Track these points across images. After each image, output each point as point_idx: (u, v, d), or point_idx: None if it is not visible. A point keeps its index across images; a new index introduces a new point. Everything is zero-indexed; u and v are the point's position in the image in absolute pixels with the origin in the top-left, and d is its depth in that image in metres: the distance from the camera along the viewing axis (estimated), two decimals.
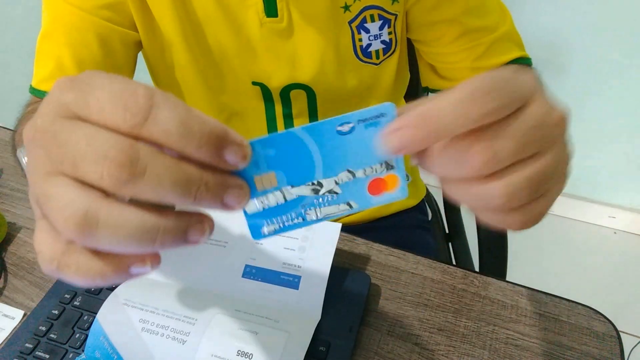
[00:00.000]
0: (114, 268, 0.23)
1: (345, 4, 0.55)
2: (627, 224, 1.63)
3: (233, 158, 0.22)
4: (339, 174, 0.26)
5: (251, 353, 0.45)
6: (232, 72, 0.59)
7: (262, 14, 0.54)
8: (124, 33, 0.56)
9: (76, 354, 0.49)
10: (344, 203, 0.27)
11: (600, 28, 1.28)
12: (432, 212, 0.89)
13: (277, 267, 0.52)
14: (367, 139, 0.25)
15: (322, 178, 0.26)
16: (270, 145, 0.25)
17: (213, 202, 0.23)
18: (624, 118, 1.43)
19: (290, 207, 0.26)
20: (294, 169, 0.25)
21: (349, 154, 0.26)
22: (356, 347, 0.49)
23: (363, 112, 0.25)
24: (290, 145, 0.25)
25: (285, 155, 0.25)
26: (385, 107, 0.25)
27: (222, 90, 0.60)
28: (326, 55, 0.57)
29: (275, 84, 0.59)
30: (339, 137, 0.25)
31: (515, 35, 0.60)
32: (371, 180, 0.27)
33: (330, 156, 0.26)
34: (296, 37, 0.56)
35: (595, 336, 0.49)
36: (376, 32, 0.58)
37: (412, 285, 0.54)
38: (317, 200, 0.27)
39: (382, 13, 0.57)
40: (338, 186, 0.26)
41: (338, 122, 0.25)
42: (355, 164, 0.26)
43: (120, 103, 0.21)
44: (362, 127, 0.25)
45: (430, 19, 0.58)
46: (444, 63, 0.62)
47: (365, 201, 0.27)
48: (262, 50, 0.57)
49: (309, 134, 0.25)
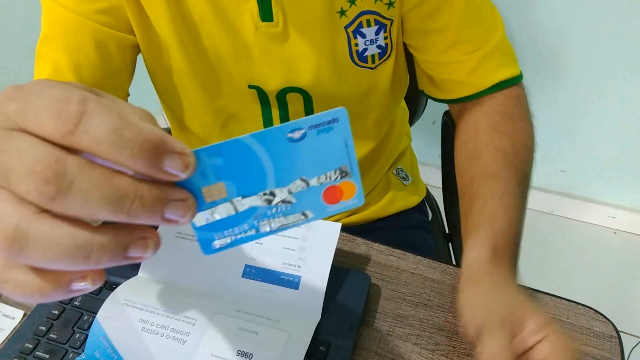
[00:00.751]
0: (54, 285, 0.22)
1: (341, 9, 0.55)
2: (627, 224, 1.63)
3: (173, 168, 0.21)
4: (292, 183, 0.25)
5: (251, 353, 0.45)
6: (228, 75, 0.59)
7: (257, 18, 0.54)
8: (121, 37, 0.55)
9: (76, 354, 0.49)
10: (298, 213, 0.26)
11: (601, 28, 1.28)
12: (432, 212, 0.90)
13: (277, 267, 0.52)
14: (320, 145, 0.24)
15: (274, 187, 0.25)
16: (217, 154, 0.23)
17: (151, 217, 0.22)
18: (624, 118, 1.43)
19: (242, 219, 0.25)
20: (244, 178, 0.24)
21: (302, 162, 0.25)
22: (356, 347, 0.49)
23: (314, 117, 0.24)
24: (238, 154, 0.24)
25: (234, 165, 0.24)
26: (337, 112, 0.24)
27: (218, 94, 0.60)
28: (322, 59, 0.57)
29: (271, 88, 0.59)
30: (290, 145, 0.24)
31: (505, 47, 0.60)
32: (326, 188, 0.26)
33: (282, 164, 0.24)
34: (292, 41, 0.56)
35: (596, 336, 0.49)
36: (372, 37, 0.58)
37: (412, 285, 0.54)
38: (270, 211, 0.26)
39: (378, 18, 0.57)
40: (292, 195, 0.25)
41: (288, 129, 0.24)
42: (308, 172, 0.25)
43: (54, 111, 0.20)
44: (314, 133, 0.24)
45: (424, 27, 0.58)
46: (439, 73, 0.62)
47: (320, 210, 0.26)
48: (258, 54, 0.56)
49: (258, 141, 0.24)
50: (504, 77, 0.59)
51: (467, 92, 0.61)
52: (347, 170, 0.26)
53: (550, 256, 1.56)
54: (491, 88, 0.60)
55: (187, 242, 0.55)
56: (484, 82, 0.60)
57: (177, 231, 0.56)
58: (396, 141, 0.79)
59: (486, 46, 0.58)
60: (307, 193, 0.26)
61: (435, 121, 1.48)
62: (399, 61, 0.64)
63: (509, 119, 0.59)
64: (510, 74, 0.60)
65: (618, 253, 1.59)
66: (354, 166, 0.26)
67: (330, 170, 0.25)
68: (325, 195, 0.26)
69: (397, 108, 0.76)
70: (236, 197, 0.25)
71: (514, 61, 0.61)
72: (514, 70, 0.60)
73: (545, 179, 1.64)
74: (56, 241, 0.20)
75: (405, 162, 0.82)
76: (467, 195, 0.55)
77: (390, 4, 0.56)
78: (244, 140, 0.23)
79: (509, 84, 0.60)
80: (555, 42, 1.34)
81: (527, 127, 0.59)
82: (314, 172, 0.25)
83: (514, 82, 0.61)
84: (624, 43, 1.29)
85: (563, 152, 1.56)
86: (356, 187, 0.26)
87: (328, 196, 0.26)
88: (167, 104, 0.66)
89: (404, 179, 0.80)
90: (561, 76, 1.40)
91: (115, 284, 0.53)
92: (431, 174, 1.18)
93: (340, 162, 0.25)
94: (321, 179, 0.25)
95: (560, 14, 1.29)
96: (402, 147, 0.81)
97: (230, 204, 0.25)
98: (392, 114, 0.73)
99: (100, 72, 0.55)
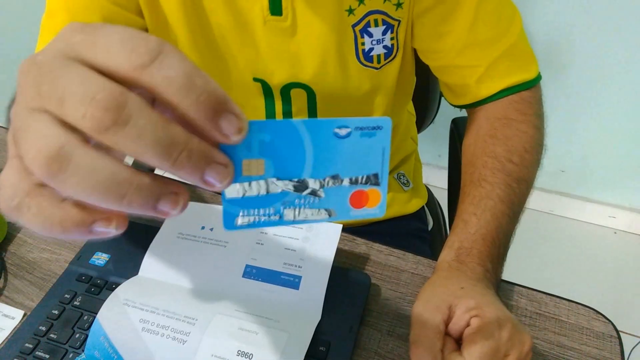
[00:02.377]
0: (77, 221, 0.22)
1: (350, 7, 0.55)
2: (627, 224, 1.63)
3: (228, 127, 0.21)
4: (326, 177, 0.26)
5: (251, 353, 0.45)
6: (234, 66, 0.59)
7: (267, 12, 0.54)
8: (130, 18, 0.55)
9: (76, 354, 0.49)
10: (324, 209, 0.26)
11: (601, 28, 1.28)
12: (434, 219, 0.88)
13: (277, 267, 0.52)
14: (360, 147, 0.25)
15: (309, 177, 0.25)
16: (267, 130, 0.24)
17: (193, 172, 0.21)
18: (625, 118, 1.43)
19: (271, 202, 0.25)
20: (284, 161, 0.24)
21: (340, 159, 0.25)
22: (356, 347, 0.49)
23: (362, 120, 0.25)
24: (286, 136, 0.24)
25: (279, 145, 0.24)
26: (382, 120, 0.25)
27: (223, 85, 0.60)
28: (328, 56, 0.57)
29: (276, 82, 0.59)
30: (334, 139, 0.25)
31: (518, 50, 0.60)
32: (354, 191, 0.26)
33: (322, 156, 0.25)
34: (299, 36, 0.56)
35: (596, 336, 0.49)
36: (379, 36, 0.58)
37: (412, 285, 0.54)
38: (299, 200, 0.26)
39: (386, 18, 0.57)
40: (322, 190, 0.26)
41: (337, 124, 0.24)
42: (343, 170, 0.26)
43: (129, 45, 0.20)
44: (358, 134, 0.25)
45: (437, 30, 0.59)
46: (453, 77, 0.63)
47: (344, 212, 0.27)
48: (265, 47, 0.57)
49: (307, 128, 0.24)
50: (509, 83, 0.60)
51: (472, 99, 0.62)
52: (377, 179, 0.26)
53: (550, 256, 1.56)
54: (495, 95, 0.60)
55: (188, 242, 0.55)
56: (489, 90, 0.60)
57: (179, 232, 0.56)
58: (399, 144, 0.78)
59: (497, 50, 0.59)
60: (337, 191, 0.26)
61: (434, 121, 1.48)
62: (405, 63, 0.64)
63: (508, 123, 0.59)
64: (518, 79, 0.60)
65: (618, 253, 1.59)
66: (385, 176, 0.26)
67: (363, 173, 0.26)
68: (352, 198, 0.27)
69: (403, 110, 0.76)
70: (271, 178, 0.25)
71: (527, 64, 0.61)
72: (523, 75, 0.61)
73: (545, 179, 1.64)
74: (97, 171, 0.20)
75: (409, 167, 0.82)
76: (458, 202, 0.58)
77: (399, 4, 0.56)
78: (295, 124, 0.24)
79: (514, 90, 0.61)
80: (555, 42, 1.34)
81: (529, 131, 0.59)
82: (348, 171, 0.26)
83: (523, 87, 0.61)
84: (624, 43, 1.29)
85: (563, 152, 1.56)
86: (381, 196, 0.27)
87: (354, 199, 0.27)
88: None
89: (404, 185, 0.79)
90: (561, 76, 1.40)
91: (115, 284, 0.53)
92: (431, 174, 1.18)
93: (374, 169, 0.26)
94: (353, 181, 0.26)
95: (561, 14, 1.29)
96: (406, 151, 0.81)
97: (265, 183, 0.25)
98: (397, 116, 0.73)
99: None
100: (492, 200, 0.54)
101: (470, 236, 0.51)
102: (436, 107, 0.93)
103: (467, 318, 0.42)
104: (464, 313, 0.42)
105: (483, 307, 0.43)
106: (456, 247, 0.51)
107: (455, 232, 0.53)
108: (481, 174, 0.56)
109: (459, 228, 0.53)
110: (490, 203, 0.53)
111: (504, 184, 0.55)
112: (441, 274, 0.50)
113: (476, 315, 0.42)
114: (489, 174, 0.56)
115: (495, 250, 0.51)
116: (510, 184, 0.55)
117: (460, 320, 0.42)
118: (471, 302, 0.43)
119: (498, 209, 0.53)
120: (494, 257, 0.51)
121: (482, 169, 0.57)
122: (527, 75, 0.61)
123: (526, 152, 0.58)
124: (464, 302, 0.43)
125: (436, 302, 0.44)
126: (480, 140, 0.60)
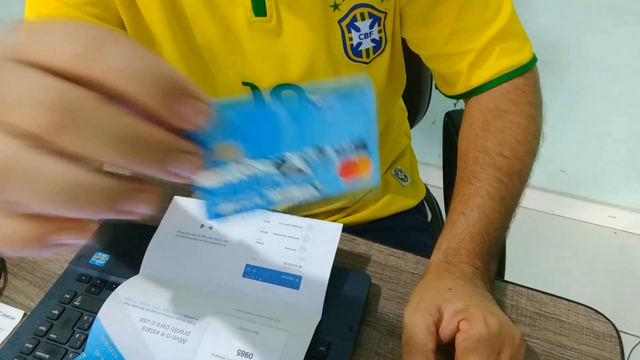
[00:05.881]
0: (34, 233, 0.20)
1: (334, 3, 0.55)
2: (627, 224, 1.63)
3: (189, 112, 0.20)
4: (307, 150, 0.23)
5: (251, 353, 0.45)
6: (222, 71, 0.58)
7: (251, 13, 0.53)
8: None
9: (76, 353, 0.49)
10: (309, 184, 0.24)
11: (601, 28, 1.28)
12: (432, 213, 0.89)
13: (277, 267, 0.52)
14: (340, 112, 0.23)
15: (288, 151, 0.23)
16: (235, 109, 0.22)
17: (159, 166, 0.20)
18: (624, 118, 1.43)
19: (252, 185, 0.24)
20: (258, 139, 0.23)
21: (320, 128, 0.23)
22: (356, 347, 0.49)
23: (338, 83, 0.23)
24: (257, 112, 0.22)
25: (251, 123, 0.22)
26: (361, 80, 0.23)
27: (211, 90, 0.60)
28: (316, 55, 0.57)
29: (265, 85, 0.58)
30: (310, 108, 0.23)
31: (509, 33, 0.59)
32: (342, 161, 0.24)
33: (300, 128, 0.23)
34: (285, 36, 0.55)
35: (595, 336, 0.49)
36: (366, 30, 0.57)
37: (412, 285, 0.54)
38: (282, 179, 0.24)
39: (372, 11, 0.56)
40: (306, 164, 0.24)
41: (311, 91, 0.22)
42: (325, 140, 0.24)
43: (69, 38, 0.19)
44: (335, 99, 0.23)
45: (425, 18, 0.58)
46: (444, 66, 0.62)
47: (334, 184, 0.24)
48: (251, 50, 0.56)
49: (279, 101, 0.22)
50: (502, 67, 0.59)
51: (465, 88, 0.61)
52: (364, 144, 0.24)
53: (550, 256, 1.56)
54: (487, 84, 0.59)
55: (188, 241, 0.55)
56: (480, 77, 0.59)
57: (178, 230, 0.56)
58: (394, 140, 0.78)
59: (486, 35, 0.57)
60: (322, 164, 0.24)
61: (435, 121, 1.48)
62: (394, 56, 0.63)
63: (500, 115, 0.59)
64: (511, 63, 0.59)
65: (618, 253, 1.59)
66: (373, 141, 0.24)
67: (348, 140, 0.24)
68: (341, 169, 0.24)
69: (395, 105, 0.76)
70: (247, 159, 0.23)
71: (520, 45, 0.60)
72: (517, 57, 0.59)
73: (545, 179, 1.64)
74: (49, 176, 0.19)
75: (405, 162, 0.82)
76: None
77: None
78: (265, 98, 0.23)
79: (507, 78, 0.59)
80: (555, 41, 1.34)
81: (522, 121, 0.58)
82: (331, 140, 0.24)
83: (516, 73, 0.59)
84: (624, 43, 1.29)
85: (563, 152, 1.56)
86: (372, 164, 0.25)
87: (343, 170, 0.24)
88: None
89: (402, 180, 0.80)
90: (561, 76, 1.40)
91: (115, 283, 0.53)
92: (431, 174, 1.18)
93: (358, 134, 0.24)
94: (336, 149, 0.24)
95: (562, 14, 1.29)
96: (401, 147, 0.81)
97: (241, 166, 0.23)
98: (389, 111, 0.73)
99: None
100: (480, 197, 0.53)
101: (457, 236, 0.51)
102: (427, 103, 0.94)
103: (456, 322, 0.42)
104: (452, 317, 0.43)
105: (470, 309, 0.42)
106: (444, 247, 0.51)
107: (444, 233, 0.53)
108: (472, 171, 0.56)
109: (447, 229, 0.53)
110: (479, 200, 0.53)
111: (493, 179, 0.54)
112: (430, 277, 0.50)
113: (464, 319, 0.42)
114: (478, 170, 0.55)
115: (485, 247, 0.51)
116: (501, 179, 0.54)
117: (449, 324, 0.43)
118: (459, 305, 0.43)
119: (487, 206, 0.53)
120: (483, 254, 0.50)
121: (473, 166, 0.56)
122: (521, 57, 0.59)
123: (519, 144, 0.57)
124: (451, 305, 0.43)
125: (426, 305, 0.44)
126: (473, 134, 0.59)
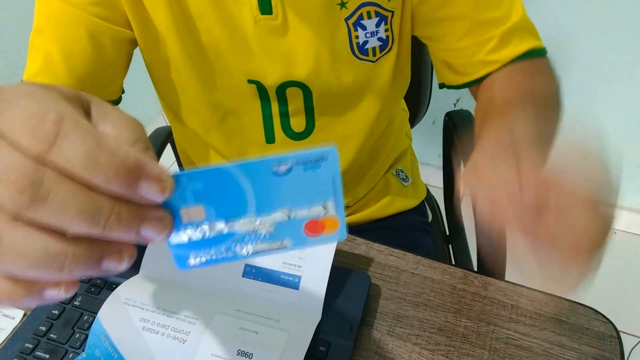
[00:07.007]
0: (25, 292, 0.22)
1: (341, 1, 0.55)
2: (627, 224, 1.63)
3: (149, 192, 0.22)
4: (274, 214, 0.25)
5: (251, 353, 0.45)
6: (227, 69, 0.58)
7: (257, 11, 0.53)
8: (116, 30, 0.55)
9: (76, 353, 0.49)
10: (277, 241, 0.26)
11: (602, 28, 1.28)
12: (433, 213, 0.89)
13: (277, 267, 0.52)
14: (305, 181, 0.24)
15: (255, 215, 0.25)
16: (198, 179, 0.23)
17: (126, 233, 0.22)
18: (625, 118, 1.43)
19: (220, 241, 0.25)
20: (224, 204, 0.24)
21: (285, 195, 0.24)
22: (356, 347, 0.49)
23: (302, 154, 0.24)
24: (221, 181, 0.23)
25: (215, 191, 0.24)
26: (327, 152, 0.24)
27: (216, 88, 0.60)
28: (321, 52, 0.57)
29: (270, 82, 0.58)
30: (274, 178, 0.24)
31: (527, 23, 0.58)
32: (308, 221, 0.26)
33: (265, 196, 0.24)
34: (291, 34, 0.55)
35: (596, 336, 0.49)
36: (373, 29, 0.57)
37: (412, 285, 0.54)
38: (249, 237, 0.25)
39: (379, 10, 0.56)
40: (273, 225, 0.25)
41: (275, 163, 0.23)
42: (291, 205, 0.25)
43: (28, 128, 0.20)
44: (300, 169, 0.24)
45: (439, 16, 0.57)
46: (458, 58, 0.61)
47: (299, 241, 0.26)
48: (257, 48, 0.56)
49: (242, 172, 0.23)
50: (526, 48, 0.57)
51: (488, 70, 0.58)
52: (331, 207, 0.25)
53: None
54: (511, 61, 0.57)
55: None
56: (505, 57, 0.57)
57: None
58: (395, 140, 0.78)
59: (507, 23, 0.56)
60: (288, 224, 0.25)
61: (435, 121, 1.48)
62: (401, 56, 0.63)
63: (528, 75, 0.56)
64: (533, 45, 0.57)
65: (618, 253, 1.59)
66: (340, 202, 0.25)
67: (313, 205, 0.25)
68: (307, 227, 0.26)
69: (397, 106, 0.76)
70: (215, 221, 0.24)
71: (536, 37, 0.59)
72: (537, 42, 0.58)
73: None
74: (28, 250, 0.20)
75: (406, 163, 0.82)
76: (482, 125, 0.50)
77: None
78: (228, 169, 0.23)
79: (531, 55, 0.58)
80: (556, 41, 1.34)
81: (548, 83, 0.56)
82: (297, 205, 0.25)
83: (536, 53, 0.58)
84: (625, 43, 1.29)
85: None
86: (339, 222, 0.26)
87: (309, 228, 0.26)
88: (165, 99, 0.66)
89: (403, 180, 0.80)
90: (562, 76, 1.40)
91: (115, 283, 0.53)
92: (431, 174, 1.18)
93: (325, 199, 0.25)
94: (304, 213, 0.25)
95: (563, 14, 1.29)
96: (402, 148, 0.81)
97: (208, 227, 0.25)
98: (392, 111, 0.73)
99: (92, 64, 0.55)
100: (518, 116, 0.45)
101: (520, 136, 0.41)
102: (427, 103, 0.94)
103: None
104: None
105: None
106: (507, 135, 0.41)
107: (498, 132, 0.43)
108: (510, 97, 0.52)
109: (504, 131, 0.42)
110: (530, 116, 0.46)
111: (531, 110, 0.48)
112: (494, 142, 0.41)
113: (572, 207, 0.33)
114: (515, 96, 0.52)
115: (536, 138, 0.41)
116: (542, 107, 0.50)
117: None
118: None
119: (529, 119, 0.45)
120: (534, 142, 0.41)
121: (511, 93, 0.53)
122: (539, 42, 0.58)
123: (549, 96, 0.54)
124: None
125: None
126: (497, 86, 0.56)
